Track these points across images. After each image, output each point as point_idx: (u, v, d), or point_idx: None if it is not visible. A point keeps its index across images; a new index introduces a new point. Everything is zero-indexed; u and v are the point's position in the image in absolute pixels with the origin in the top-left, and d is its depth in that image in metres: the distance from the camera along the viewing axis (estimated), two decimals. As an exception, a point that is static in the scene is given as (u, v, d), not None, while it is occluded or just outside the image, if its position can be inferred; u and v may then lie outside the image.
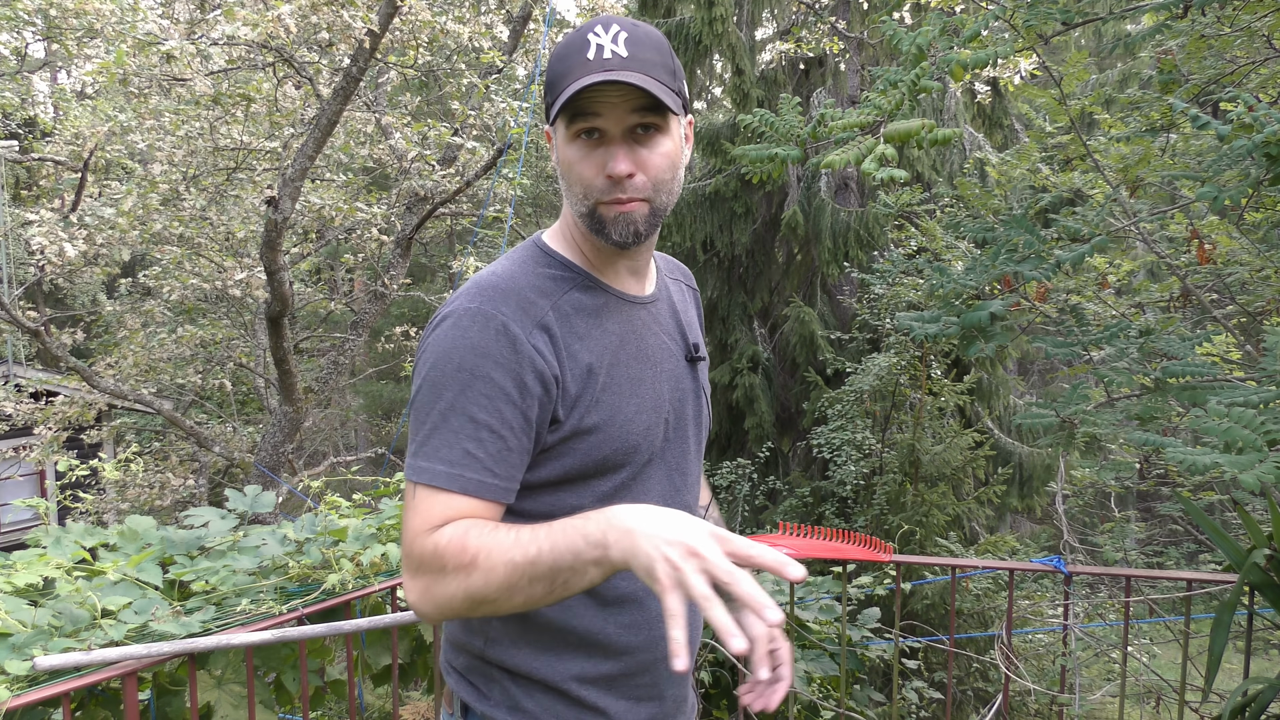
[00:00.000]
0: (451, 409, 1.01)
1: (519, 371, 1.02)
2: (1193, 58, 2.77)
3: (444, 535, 0.99)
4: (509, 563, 0.95)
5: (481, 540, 0.97)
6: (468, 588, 0.97)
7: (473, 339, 1.02)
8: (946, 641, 2.79)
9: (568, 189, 1.11)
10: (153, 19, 4.88)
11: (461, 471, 1.01)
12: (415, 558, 1.00)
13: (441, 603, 0.99)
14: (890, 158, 1.90)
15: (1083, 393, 2.39)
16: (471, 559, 0.96)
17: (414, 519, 1.02)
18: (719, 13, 8.87)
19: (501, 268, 1.10)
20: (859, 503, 7.49)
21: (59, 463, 5.77)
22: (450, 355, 1.02)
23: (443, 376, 1.02)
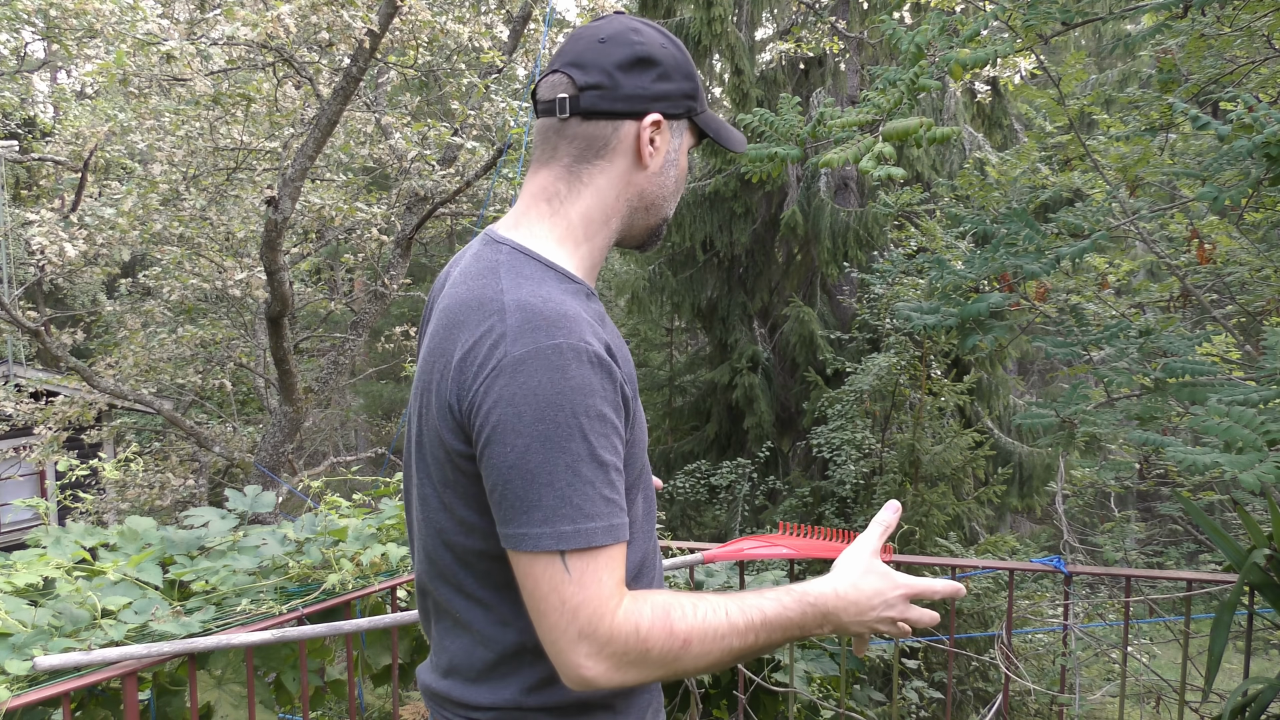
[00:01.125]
0: (579, 459, 0.92)
1: (617, 400, 0.97)
2: (1192, 57, 2.77)
3: (643, 617, 0.93)
4: (726, 649, 0.96)
5: (689, 622, 0.95)
6: (675, 669, 0.95)
7: (575, 379, 0.93)
8: (946, 641, 2.79)
9: (661, 196, 1.10)
10: (153, 19, 4.88)
11: (610, 521, 0.94)
12: (606, 638, 0.92)
13: (633, 678, 0.94)
14: (888, 155, 1.91)
15: (1083, 393, 2.40)
16: (684, 643, 0.94)
17: (584, 593, 0.92)
18: (718, 13, 8.88)
19: (545, 292, 0.99)
20: (859, 503, 7.49)
21: (59, 463, 5.77)
22: (558, 402, 0.92)
23: (557, 428, 0.91)
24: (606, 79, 1.04)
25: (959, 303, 2.46)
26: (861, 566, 1.08)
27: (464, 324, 0.99)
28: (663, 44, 1.07)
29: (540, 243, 1.07)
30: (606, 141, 1.06)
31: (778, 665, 2.82)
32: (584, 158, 1.07)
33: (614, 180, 1.08)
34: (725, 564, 3.08)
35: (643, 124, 1.06)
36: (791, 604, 1.01)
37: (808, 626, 1.02)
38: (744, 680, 2.70)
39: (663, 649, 0.93)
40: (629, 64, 1.05)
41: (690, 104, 1.09)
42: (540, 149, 1.10)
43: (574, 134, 1.06)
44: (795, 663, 2.79)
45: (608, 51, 1.05)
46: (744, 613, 0.98)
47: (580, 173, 1.07)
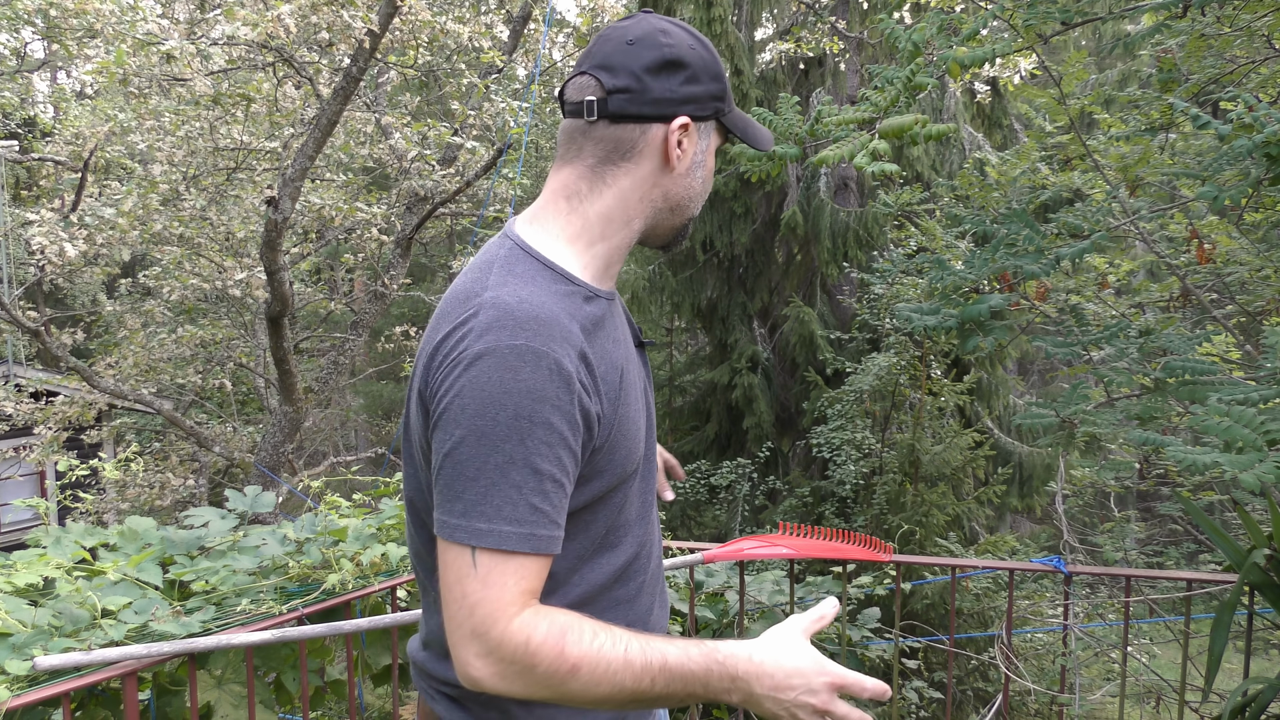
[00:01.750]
0: (511, 462, 0.92)
1: (572, 411, 0.95)
2: (1192, 57, 2.77)
3: (537, 631, 0.92)
4: (617, 685, 0.94)
5: (583, 649, 0.93)
6: (561, 692, 0.94)
7: (526, 381, 0.92)
8: (946, 641, 2.79)
9: (688, 197, 1.11)
10: (153, 19, 4.88)
11: (533, 530, 0.94)
12: (496, 643, 0.92)
13: (517, 690, 0.94)
14: (883, 152, 1.91)
15: (1083, 393, 2.40)
16: (572, 667, 0.92)
17: (485, 592, 0.92)
18: (718, 13, 8.88)
19: (526, 292, 0.98)
20: (859, 503, 7.49)
21: (59, 463, 5.77)
22: (502, 401, 0.92)
23: (495, 426, 0.92)
24: (635, 82, 1.05)
25: (959, 303, 2.46)
26: (790, 642, 0.99)
27: (446, 315, 1.00)
28: (691, 45, 1.08)
29: (549, 241, 1.07)
30: (633, 144, 1.07)
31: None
32: (609, 159, 1.07)
33: (639, 182, 1.08)
34: (725, 564, 3.08)
35: (671, 127, 1.06)
36: (698, 656, 0.96)
37: (711, 685, 0.96)
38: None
39: (549, 668, 0.92)
40: (657, 67, 1.05)
41: (718, 105, 1.09)
42: (565, 147, 1.10)
43: (600, 136, 1.07)
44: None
45: (636, 54, 1.05)
46: (644, 653, 0.94)
47: (604, 174, 1.08)
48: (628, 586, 1.12)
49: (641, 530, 1.14)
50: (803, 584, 3.28)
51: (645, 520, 1.16)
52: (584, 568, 1.07)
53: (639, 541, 1.13)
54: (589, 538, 1.06)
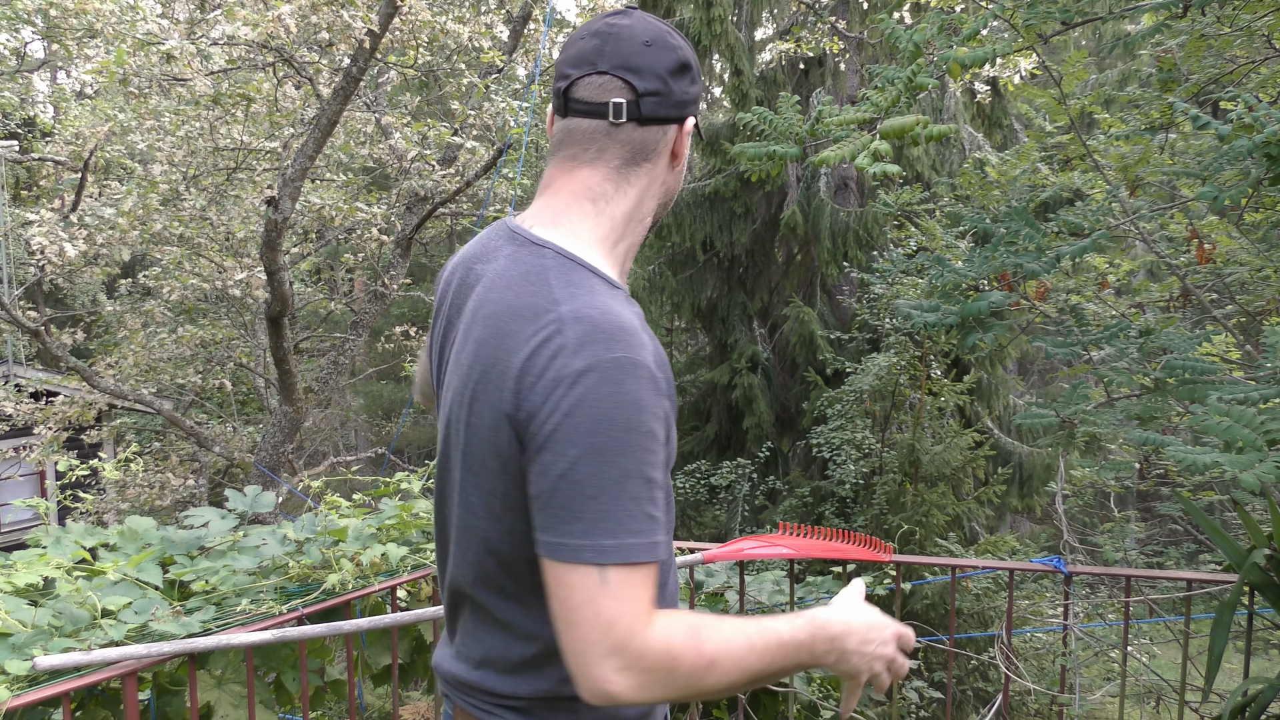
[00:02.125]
0: (627, 475, 0.93)
1: (665, 417, 0.98)
2: (1192, 57, 2.77)
3: (674, 633, 0.93)
4: (745, 670, 0.97)
5: (715, 642, 0.95)
6: (698, 689, 0.95)
7: (631, 393, 0.93)
8: (946, 641, 2.79)
9: (677, 189, 1.16)
10: (153, 19, 4.88)
11: (651, 539, 0.95)
12: (637, 654, 0.91)
13: (656, 696, 0.94)
14: (885, 153, 1.91)
15: (1083, 393, 2.40)
16: (710, 662, 0.94)
17: (620, 607, 0.92)
18: (717, 13, 8.88)
19: (600, 302, 0.99)
20: (859, 503, 7.49)
21: (59, 463, 5.77)
22: (613, 416, 0.92)
23: (609, 441, 0.92)
24: (662, 85, 1.07)
25: (959, 301, 2.46)
26: (861, 603, 1.09)
27: (516, 333, 0.98)
28: (689, 46, 1.12)
29: (583, 245, 1.07)
30: (655, 146, 1.09)
31: (778, 665, 2.82)
32: (634, 161, 1.09)
33: (652, 181, 1.11)
34: (725, 564, 3.09)
35: (685, 128, 1.11)
36: (802, 626, 1.01)
37: (816, 650, 1.02)
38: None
39: (690, 668, 0.93)
40: (676, 70, 1.08)
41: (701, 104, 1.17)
42: (581, 148, 1.09)
43: (626, 138, 1.07)
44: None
45: (657, 57, 1.07)
46: (762, 634, 0.98)
47: (629, 175, 1.09)
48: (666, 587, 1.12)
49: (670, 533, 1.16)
50: (803, 584, 3.28)
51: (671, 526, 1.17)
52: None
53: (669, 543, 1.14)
54: None
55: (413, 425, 15.95)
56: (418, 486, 3.05)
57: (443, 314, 1.15)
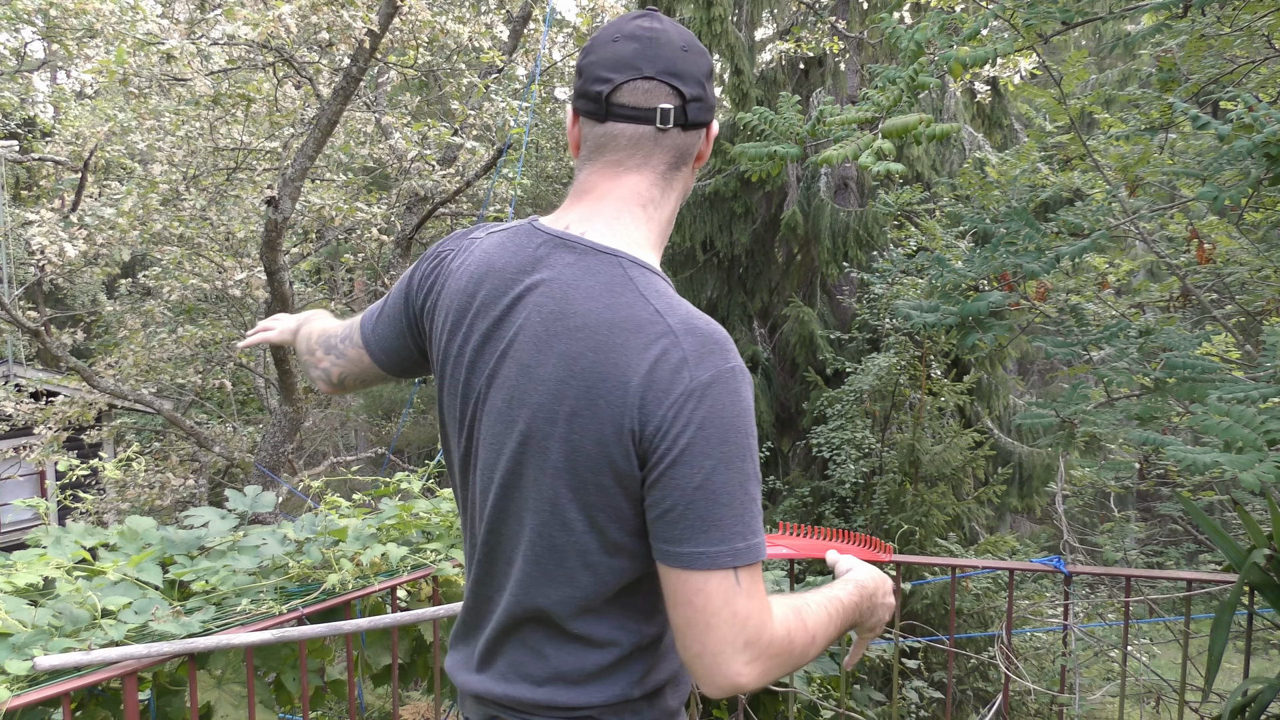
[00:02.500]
0: (749, 478, 0.98)
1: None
2: (1192, 57, 2.77)
3: (789, 620, 1.00)
4: (827, 638, 1.06)
5: (812, 618, 1.04)
6: (801, 663, 1.03)
7: (745, 400, 0.99)
8: (946, 641, 2.79)
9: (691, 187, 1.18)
10: (153, 19, 4.88)
11: (763, 536, 1.00)
12: (766, 644, 0.96)
13: (773, 676, 1.00)
14: (887, 152, 1.91)
15: (1083, 393, 2.40)
16: (811, 637, 1.02)
17: (751, 604, 0.96)
18: (717, 13, 8.88)
19: (694, 312, 1.02)
20: (859, 502, 7.49)
21: (59, 463, 5.77)
22: (737, 424, 0.97)
23: (736, 449, 0.97)
24: (702, 91, 1.09)
25: (959, 301, 2.46)
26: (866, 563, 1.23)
27: (623, 345, 0.98)
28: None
29: (644, 251, 1.08)
30: (692, 150, 1.12)
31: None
32: (677, 165, 1.11)
33: (684, 183, 1.14)
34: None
35: (711, 131, 1.13)
36: (854, 590, 1.14)
37: (862, 608, 1.14)
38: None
39: (802, 646, 1.01)
40: (709, 75, 1.11)
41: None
42: (625, 153, 1.08)
43: (672, 143, 1.09)
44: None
45: (695, 62, 1.09)
46: (831, 604, 1.09)
47: (672, 180, 1.11)
48: None
49: None
50: (803, 584, 3.28)
51: None
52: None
53: None
54: None
55: (413, 425, 15.96)
56: (418, 486, 3.05)
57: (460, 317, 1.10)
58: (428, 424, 15.87)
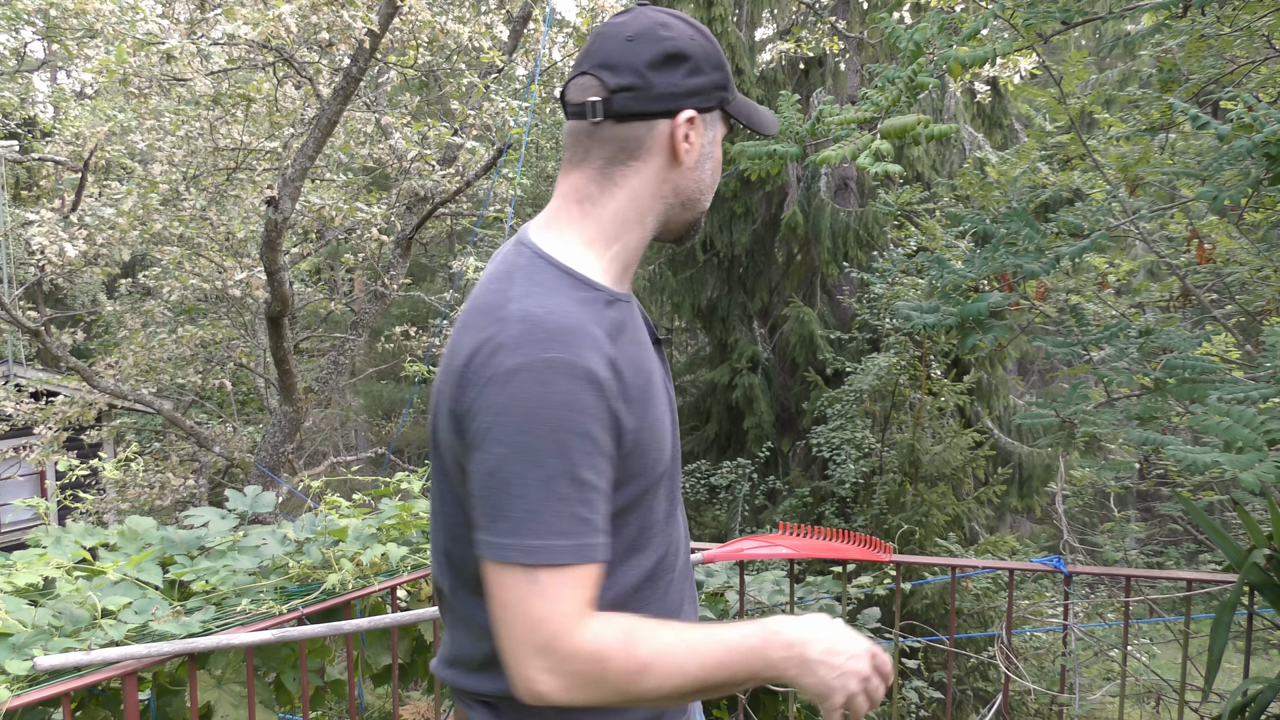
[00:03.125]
0: (555, 475, 0.93)
1: (605, 420, 0.96)
2: (1192, 57, 2.77)
3: (605, 636, 0.93)
4: (685, 676, 0.95)
5: (651, 645, 0.94)
6: (633, 694, 0.94)
7: (563, 394, 0.92)
8: (946, 641, 2.79)
9: (699, 190, 1.09)
10: (153, 19, 4.88)
11: (581, 541, 0.94)
12: (565, 656, 0.92)
13: (588, 698, 0.94)
14: (886, 152, 1.91)
15: (1083, 393, 2.39)
16: (643, 665, 0.93)
17: (549, 608, 0.92)
18: (718, 13, 8.87)
19: (553, 302, 0.98)
20: (859, 502, 7.49)
21: (59, 463, 5.78)
22: (541, 415, 0.92)
23: (537, 441, 0.92)
24: (639, 79, 1.03)
25: (959, 302, 2.46)
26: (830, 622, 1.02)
27: (470, 328, 1.00)
28: (692, 36, 1.05)
29: (567, 246, 1.06)
30: (640, 142, 1.05)
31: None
32: (617, 159, 1.06)
33: (648, 180, 1.07)
34: (725, 564, 3.08)
35: (677, 122, 1.05)
36: (754, 631, 0.97)
37: (772, 657, 0.97)
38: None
39: (621, 672, 0.93)
40: (660, 61, 1.03)
41: (722, 95, 1.08)
42: (571, 150, 1.08)
43: (607, 136, 1.05)
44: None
45: (637, 50, 1.03)
46: (707, 640, 0.96)
47: (613, 174, 1.06)
48: (657, 586, 1.12)
49: (669, 529, 1.13)
50: (803, 584, 3.28)
51: (672, 519, 1.15)
52: (617, 570, 1.06)
53: (666, 541, 1.13)
54: (621, 541, 1.06)
55: (413, 425, 15.95)
56: (418, 486, 3.05)
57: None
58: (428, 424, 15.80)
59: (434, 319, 10.28)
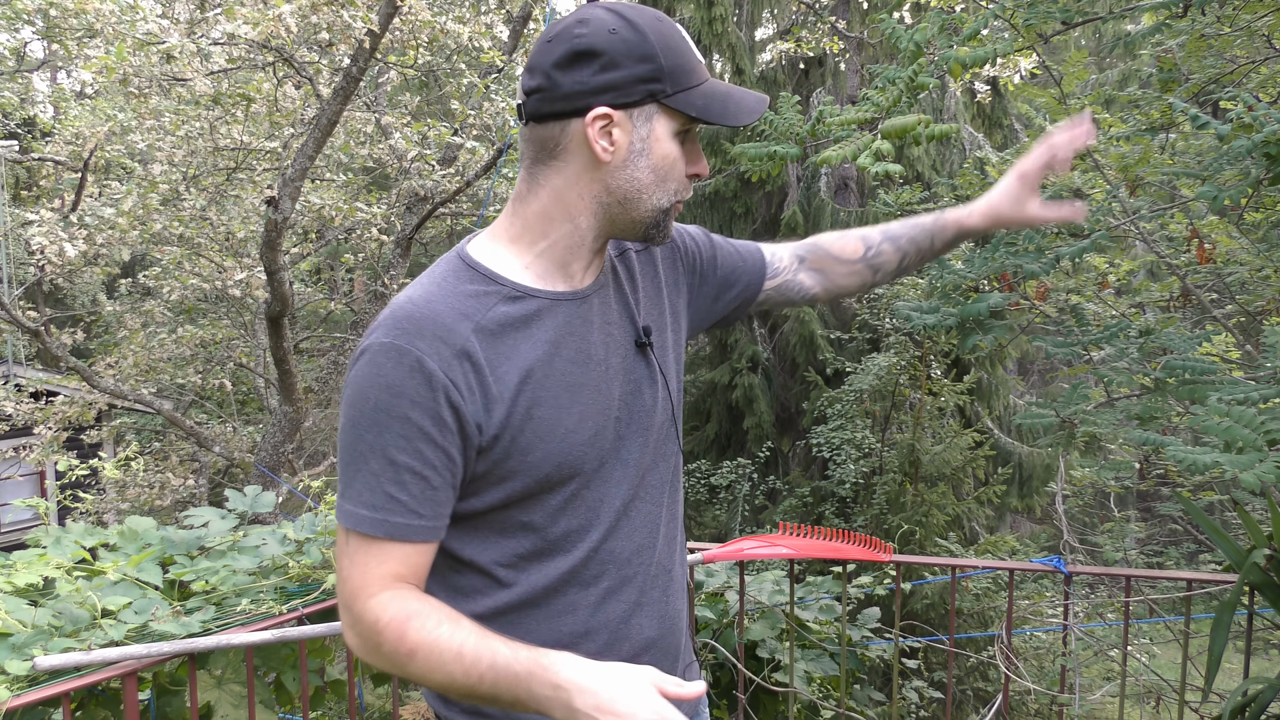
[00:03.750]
0: (370, 451, 0.99)
1: (436, 408, 0.98)
2: (1192, 57, 2.77)
3: (386, 613, 0.98)
4: (448, 674, 0.97)
5: (422, 636, 0.97)
6: (405, 672, 1.00)
7: (388, 377, 0.97)
8: (946, 641, 2.79)
9: (657, 184, 1.05)
10: (153, 19, 4.88)
11: (386, 516, 1.00)
12: (355, 616, 1.00)
13: (374, 662, 1.02)
14: (886, 153, 1.91)
15: (1083, 393, 2.39)
16: (409, 651, 0.97)
17: (352, 570, 1.01)
18: (718, 12, 8.88)
19: (420, 291, 1.03)
20: (859, 503, 7.49)
21: (59, 463, 5.77)
22: (366, 394, 0.98)
23: (360, 416, 0.99)
24: (546, 80, 1.02)
25: (959, 302, 2.46)
26: (628, 672, 0.93)
27: None
28: (611, 29, 1.00)
29: (488, 243, 1.10)
30: (556, 142, 1.04)
31: (778, 665, 2.83)
32: (539, 159, 1.07)
33: (571, 179, 1.05)
34: (725, 564, 3.09)
35: (586, 120, 1.01)
36: (524, 658, 0.95)
37: (534, 690, 0.94)
38: (744, 680, 2.70)
39: (391, 648, 0.98)
40: (566, 61, 1.01)
41: (651, 87, 1.01)
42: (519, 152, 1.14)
43: (529, 138, 1.07)
44: (795, 663, 2.79)
45: (550, 51, 1.03)
46: (476, 649, 0.96)
47: (537, 174, 1.08)
48: (586, 592, 1.10)
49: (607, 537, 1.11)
50: (803, 584, 3.28)
51: (619, 527, 1.12)
52: (526, 568, 1.08)
53: (599, 548, 1.11)
54: (526, 539, 1.07)
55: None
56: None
57: None
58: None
59: (434, 319, 10.22)
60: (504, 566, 1.08)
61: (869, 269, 1.40)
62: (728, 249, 1.34)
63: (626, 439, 1.12)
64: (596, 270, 1.13)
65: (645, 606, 1.16)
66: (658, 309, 1.21)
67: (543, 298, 1.07)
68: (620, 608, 1.13)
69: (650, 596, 1.17)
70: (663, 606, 1.19)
